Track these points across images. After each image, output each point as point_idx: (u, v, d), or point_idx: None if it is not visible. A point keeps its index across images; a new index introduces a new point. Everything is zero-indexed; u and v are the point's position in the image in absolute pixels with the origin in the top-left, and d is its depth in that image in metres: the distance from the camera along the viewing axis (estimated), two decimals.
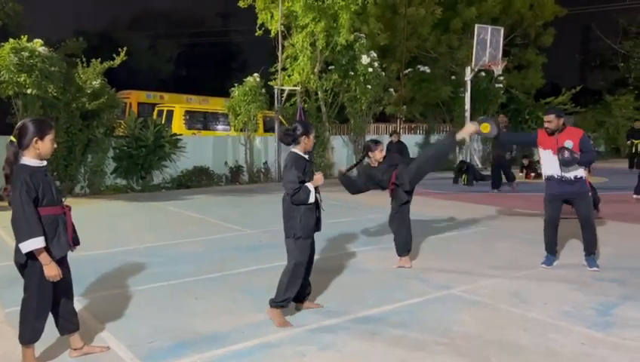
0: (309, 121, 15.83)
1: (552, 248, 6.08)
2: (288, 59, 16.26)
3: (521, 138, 6.15)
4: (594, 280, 5.38)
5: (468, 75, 18.57)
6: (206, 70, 40.10)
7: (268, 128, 16.68)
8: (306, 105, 16.41)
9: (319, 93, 16.46)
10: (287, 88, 15.41)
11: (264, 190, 13.13)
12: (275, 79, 15.89)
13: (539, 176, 15.90)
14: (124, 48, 12.17)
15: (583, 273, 5.63)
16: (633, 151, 18.19)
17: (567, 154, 5.56)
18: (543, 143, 5.87)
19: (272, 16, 15.78)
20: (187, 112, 17.12)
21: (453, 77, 20.17)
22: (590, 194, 5.98)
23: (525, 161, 16.67)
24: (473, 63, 18.26)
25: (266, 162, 15.39)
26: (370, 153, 5.93)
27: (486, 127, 5.85)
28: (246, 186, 14.16)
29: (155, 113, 17.37)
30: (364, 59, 16.30)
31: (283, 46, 15.96)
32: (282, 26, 15.61)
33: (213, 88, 27.36)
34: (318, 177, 4.29)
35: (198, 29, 43.81)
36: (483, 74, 19.69)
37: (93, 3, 47.89)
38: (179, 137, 13.34)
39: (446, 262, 6.10)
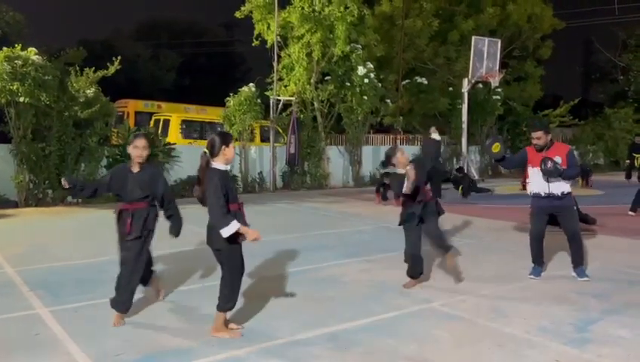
0: (303, 131, 15.83)
1: (539, 259, 6.05)
2: (285, 70, 16.30)
3: (517, 160, 6.16)
4: (576, 294, 5.32)
5: (465, 87, 18.59)
6: (208, 80, 40.25)
7: (265, 138, 16.69)
8: (302, 116, 16.43)
9: (315, 103, 16.48)
10: (282, 98, 15.43)
11: (257, 200, 13.10)
12: (271, 89, 15.92)
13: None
14: (119, 57, 12.20)
15: (566, 287, 5.57)
16: (634, 164, 18.11)
17: (550, 164, 5.54)
18: (532, 161, 5.83)
19: (268, 27, 15.85)
20: (184, 122, 17.13)
21: (450, 88, 20.18)
22: (575, 207, 5.96)
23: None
24: (470, 75, 18.29)
25: (260, 172, 15.37)
26: (393, 160, 5.55)
27: (497, 147, 5.83)
28: (240, 196, 14.07)
29: (152, 122, 17.42)
30: (361, 70, 16.33)
31: (279, 56, 16.01)
32: (279, 37, 15.66)
33: (215, 98, 27.44)
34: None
35: (200, 39, 44.07)
36: (481, 86, 19.71)
37: (97, 13, 48.32)
38: (172, 146, 13.33)
39: (429, 276, 6.03)
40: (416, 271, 5.57)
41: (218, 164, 3.97)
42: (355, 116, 16.78)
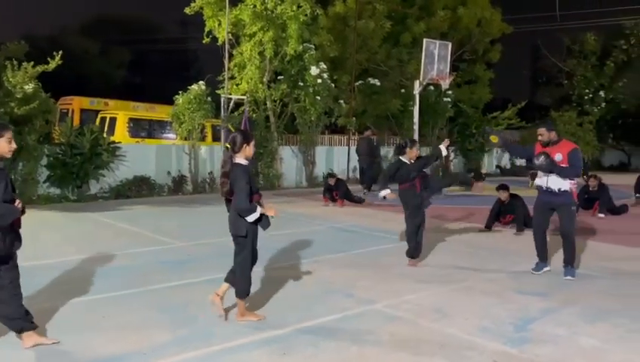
0: (255, 130, 15.64)
1: (542, 254, 6.19)
2: (237, 68, 16.02)
3: (524, 152, 6.53)
4: (517, 293, 5.38)
5: (417, 89, 18.76)
6: (161, 77, 39.23)
7: (217, 137, 16.34)
8: (254, 115, 16.19)
9: (268, 102, 16.27)
10: (233, 97, 15.15)
11: (206, 201, 12.80)
12: (222, 87, 15.60)
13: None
14: (60, 52, 11.66)
15: (508, 285, 5.64)
16: None
17: (541, 158, 5.70)
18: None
19: (219, 24, 15.53)
20: (131, 120, 16.59)
21: (402, 90, 20.36)
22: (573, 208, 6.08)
23: (471, 174, 16.99)
24: (421, 77, 18.45)
25: (211, 172, 15.04)
26: (406, 151, 6.49)
27: (495, 138, 6.57)
28: (189, 197, 13.77)
29: (98, 120, 16.79)
30: (314, 70, 16.22)
31: (231, 54, 15.73)
32: (230, 34, 15.38)
33: (167, 96, 26.70)
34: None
35: (153, 36, 42.99)
36: (432, 88, 19.95)
37: (44, 7, 46.33)
38: (117, 145, 12.85)
39: (375, 276, 5.99)
40: (418, 251, 6.49)
41: (240, 159, 4.34)
42: (308, 116, 16.65)
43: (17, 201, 3.71)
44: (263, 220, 4.39)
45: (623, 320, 4.61)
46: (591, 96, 29.12)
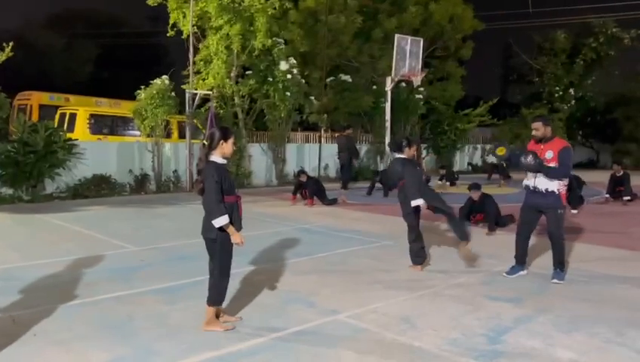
0: (224, 127, 15.16)
1: (520, 258, 5.89)
2: (202, 62, 15.46)
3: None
4: (490, 300, 5.07)
5: (388, 85, 18.52)
6: (128, 73, 38.13)
7: (185, 134, 15.76)
8: (222, 111, 15.68)
9: (236, 98, 15.77)
10: (199, 92, 14.60)
11: (170, 201, 12.27)
12: (188, 82, 15.04)
13: (453, 185, 16.04)
14: (10, 43, 10.99)
15: (480, 291, 5.33)
16: None
17: (530, 158, 5.40)
18: None
19: (184, 16, 14.95)
20: (92, 116, 15.92)
21: (374, 87, 20.07)
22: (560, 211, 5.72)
23: (442, 171, 16.80)
24: (393, 73, 18.22)
25: (175, 170, 14.49)
26: (404, 150, 6.20)
27: (502, 150, 5.97)
28: (152, 196, 13.20)
29: (58, 116, 16.06)
30: (283, 65, 15.79)
31: (196, 48, 15.17)
32: (195, 27, 14.82)
33: (135, 92, 25.85)
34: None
35: (121, 30, 41.82)
36: (404, 84, 19.73)
37: (7, 1, 44.64)
38: (74, 142, 12.21)
39: (341, 282, 5.62)
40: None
41: (215, 157, 4.13)
42: (278, 113, 16.22)
43: None
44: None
45: (599, 328, 4.34)
46: (561, 93, 29.35)
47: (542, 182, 5.55)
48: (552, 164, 5.48)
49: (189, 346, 3.87)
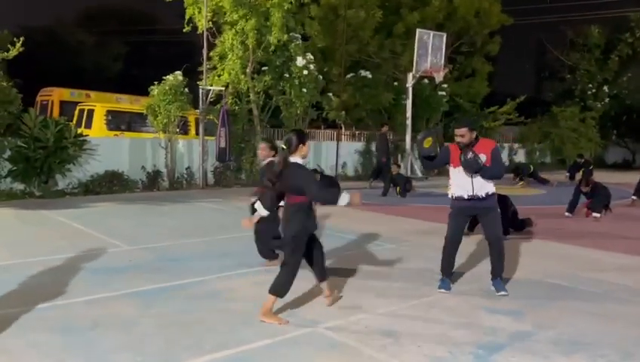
0: (236, 124, 14.97)
1: (448, 270, 5.37)
2: (218, 58, 15.27)
3: (439, 160, 5.43)
4: (487, 312, 4.65)
5: (410, 82, 18.03)
6: (158, 70, 38.44)
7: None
8: (236, 108, 15.46)
9: (251, 95, 15.52)
10: (212, 88, 14.40)
11: (179, 198, 12.10)
12: (204, 78, 14.86)
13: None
14: (22, 38, 10.98)
15: (478, 303, 4.91)
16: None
17: (470, 154, 4.92)
18: (454, 161, 5.18)
19: (199, 11, 14.78)
20: (109, 112, 15.92)
21: (395, 83, 19.58)
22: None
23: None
24: (414, 69, 17.73)
25: (189, 167, 14.33)
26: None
27: (429, 142, 5.31)
28: (163, 193, 13.06)
29: (77, 112, 16.15)
30: (300, 61, 15.45)
31: (211, 43, 14.98)
32: (210, 23, 14.63)
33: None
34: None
35: (152, 27, 42.20)
36: (426, 81, 19.19)
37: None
38: (85, 138, 12.14)
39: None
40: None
41: (296, 158, 4.37)
42: (294, 109, 15.90)
43: None
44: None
45: (604, 349, 3.88)
46: (594, 91, 28.28)
47: (481, 187, 5.06)
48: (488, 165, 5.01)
49: (143, 359, 3.58)
